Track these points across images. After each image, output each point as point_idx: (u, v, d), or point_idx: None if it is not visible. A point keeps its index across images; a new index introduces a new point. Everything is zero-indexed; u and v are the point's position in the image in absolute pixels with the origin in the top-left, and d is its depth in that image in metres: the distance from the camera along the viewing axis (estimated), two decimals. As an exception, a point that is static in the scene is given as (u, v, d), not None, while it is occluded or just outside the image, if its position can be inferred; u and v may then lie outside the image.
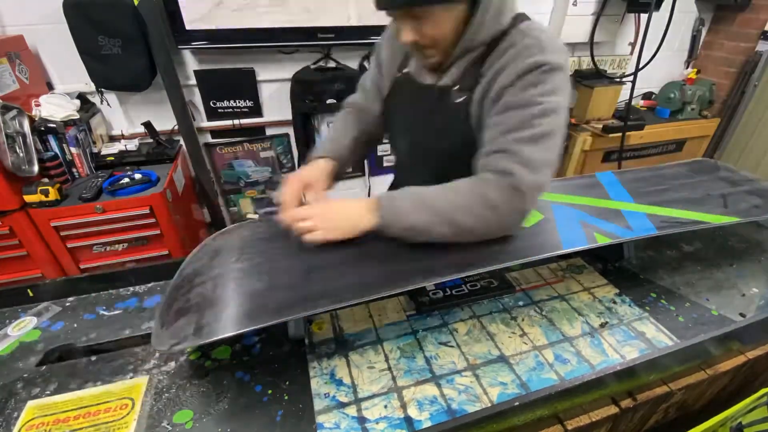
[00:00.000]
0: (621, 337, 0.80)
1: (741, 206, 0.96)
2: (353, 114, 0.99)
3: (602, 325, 0.83)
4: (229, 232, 0.83)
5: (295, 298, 0.63)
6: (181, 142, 2.02)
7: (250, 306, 0.63)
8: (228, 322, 0.60)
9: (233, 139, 2.19)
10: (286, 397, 0.67)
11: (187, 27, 1.75)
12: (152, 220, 1.63)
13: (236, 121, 2.12)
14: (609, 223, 0.84)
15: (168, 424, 0.63)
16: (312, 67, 2.05)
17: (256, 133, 2.22)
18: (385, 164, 2.60)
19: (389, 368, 0.73)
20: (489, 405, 0.66)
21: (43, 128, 1.52)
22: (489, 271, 0.95)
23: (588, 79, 2.47)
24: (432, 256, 0.71)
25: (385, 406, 0.66)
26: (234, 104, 2.08)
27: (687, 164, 1.18)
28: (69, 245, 1.59)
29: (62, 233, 1.55)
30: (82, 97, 1.79)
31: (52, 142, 1.56)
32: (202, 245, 0.82)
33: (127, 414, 0.64)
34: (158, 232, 1.66)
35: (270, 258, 0.73)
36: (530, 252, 0.73)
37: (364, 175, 2.58)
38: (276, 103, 2.13)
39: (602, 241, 0.77)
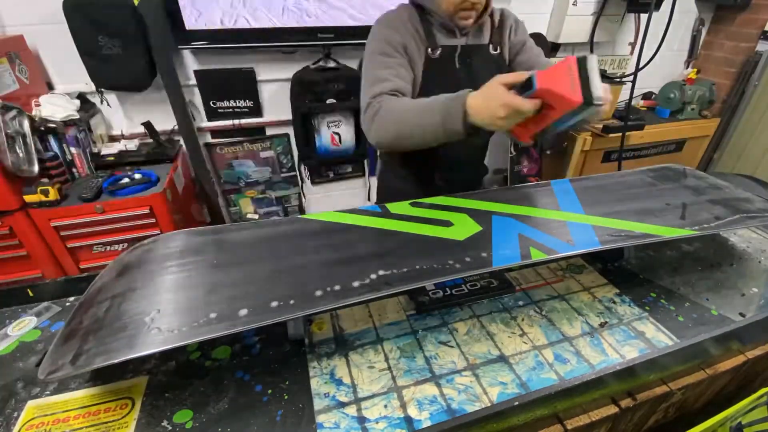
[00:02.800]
0: (621, 337, 0.80)
1: (700, 217, 0.90)
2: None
3: (602, 325, 0.83)
4: (144, 246, 0.80)
5: (190, 323, 0.60)
6: (181, 142, 2.02)
7: (133, 332, 0.59)
8: (107, 350, 0.57)
9: (233, 139, 2.19)
10: (286, 397, 0.67)
11: (187, 27, 1.75)
12: (152, 220, 1.63)
13: (236, 121, 2.12)
14: (550, 237, 0.80)
15: (168, 424, 0.63)
16: (312, 67, 2.05)
17: (256, 133, 2.22)
18: (385, 164, 2.59)
19: (389, 368, 0.73)
20: (489, 405, 0.66)
21: (43, 128, 1.52)
22: (488, 271, 0.95)
23: (588, 79, 2.47)
24: (348, 274, 0.69)
25: (385, 406, 0.66)
26: (234, 104, 2.08)
27: (653, 170, 1.12)
28: (69, 245, 1.59)
29: (62, 233, 1.55)
30: (82, 97, 1.80)
31: (52, 142, 1.57)
32: (115, 260, 0.80)
33: (127, 414, 0.64)
34: (158, 232, 1.66)
35: (176, 277, 0.70)
36: (455, 270, 0.71)
37: (364, 175, 2.58)
38: (276, 103, 2.14)
39: (537, 256, 0.74)
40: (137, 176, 1.65)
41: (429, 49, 1.03)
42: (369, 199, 2.67)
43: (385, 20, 1.04)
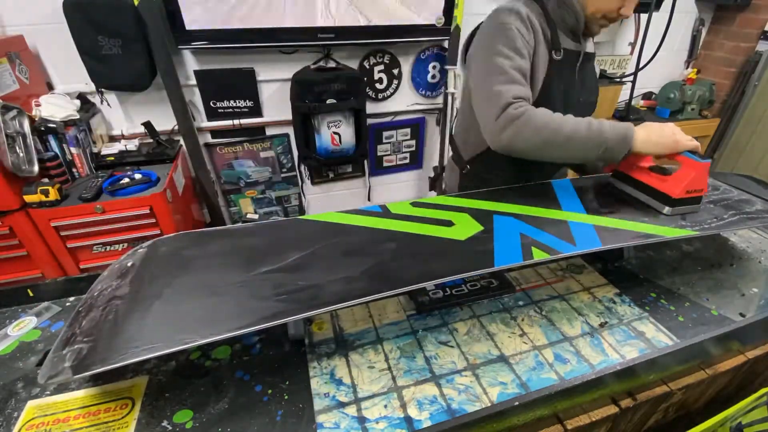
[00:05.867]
0: (621, 337, 0.80)
1: (701, 217, 0.90)
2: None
3: (602, 325, 0.83)
4: (144, 249, 0.81)
5: (190, 326, 0.61)
6: (181, 142, 2.02)
7: (133, 335, 0.60)
8: (106, 355, 0.58)
9: (233, 139, 2.19)
10: (286, 397, 0.67)
11: (187, 27, 1.75)
12: (152, 221, 1.63)
13: (236, 121, 2.12)
14: (551, 237, 0.80)
15: (168, 424, 0.63)
16: (312, 67, 2.05)
17: (256, 133, 2.22)
18: (385, 164, 2.60)
19: (389, 368, 0.73)
20: (489, 405, 0.66)
21: (43, 128, 1.52)
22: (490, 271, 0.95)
23: (588, 79, 2.47)
24: (348, 275, 0.70)
25: (385, 406, 0.66)
26: (234, 104, 2.08)
27: None
28: (69, 245, 1.59)
29: (62, 233, 1.55)
30: (82, 97, 1.80)
31: (52, 142, 1.57)
32: (114, 263, 0.80)
33: (127, 414, 0.64)
34: (158, 232, 1.66)
35: (175, 280, 0.71)
36: (457, 270, 0.71)
37: (364, 175, 2.58)
38: (276, 103, 2.14)
39: (538, 256, 0.74)
40: (137, 176, 1.65)
41: (553, 52, 0.99)
42: (369, 199, 2.67)
43: (511, 15, 0.95)
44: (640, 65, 2.32)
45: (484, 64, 0.94)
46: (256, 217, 2.42)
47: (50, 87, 1.78)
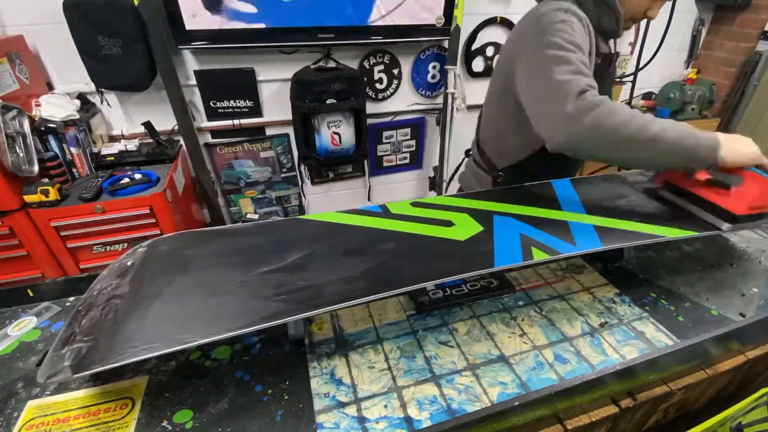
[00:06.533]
0: (621, 337, 0.80)
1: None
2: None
3: (602, 325, 0.83)
4: (143, 248, 0.81)
5: (190, 325, 0.61)
6: (181, 142, 2.02)
7: (132, 335, 0.60)
8: (105, 354, 0.58)
9: (233, 139, 2.19)
10: (286, 397, 0.67)
11: (187, 27, 1.75)
12: (152, 221, 1.63)
13: (236, 121, 2.12)
14: (551, 237, 0.80)
15: (168, 424, 0.63)
16: (312, 67, 2.05)
17: (256, 133, 2.22)
18: (384, 164, 2.60)
19: (389, 368, 0.73)
20: (489, 405, 0.66)
21: (43, 128, 1.52)
22: (490, 271, 0.95)
23: (588, 79, 2.47)
24: (348, 275, 0.70)
25: (385, 406, 0.66)
26: (234, 104, 2.08)
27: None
28: (69, 245, 1.59)
29: (62, 233, 1.55)
30: (82, 97, 1.80)
31: (52, 142, 1.57)
32: (114, 262, 0.80)
33: (127, 414, 0.64)
34: (158, 232, 1.66)
35: (175, 279, 0.71)
36: (457, 270, 0.71)
37: (364, 175, 2.58)
38: (276, 103, 2.14)
39: (538, 256, 0.74)
40: (137, 176, 1.65)
41: (595, 57, 0.96)
42: (369, 199, 2.67)
43: (568, 14, 0.89)
44: (640, 65, 2.31)
45: (540, 58, 0.84)
46: (256, 217, 2.42)
47: (50, 87, 1.78)
